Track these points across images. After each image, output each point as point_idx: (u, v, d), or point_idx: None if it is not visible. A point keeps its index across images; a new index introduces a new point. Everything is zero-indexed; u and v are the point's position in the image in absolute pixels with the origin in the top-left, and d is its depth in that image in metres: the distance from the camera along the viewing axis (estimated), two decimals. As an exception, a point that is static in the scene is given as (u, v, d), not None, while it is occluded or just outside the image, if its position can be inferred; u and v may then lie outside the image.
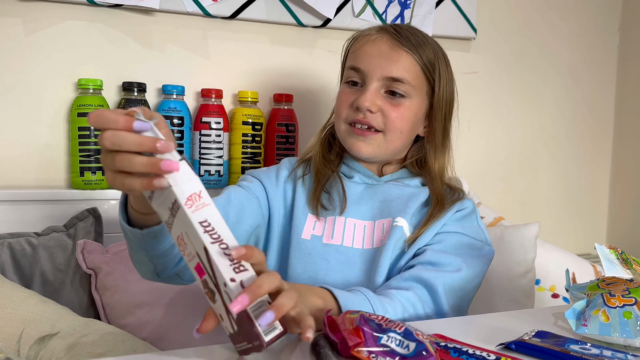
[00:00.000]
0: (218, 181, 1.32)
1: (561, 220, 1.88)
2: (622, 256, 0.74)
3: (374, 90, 0.92)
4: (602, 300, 0.69)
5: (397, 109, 0.92)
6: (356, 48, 0.96)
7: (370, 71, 0.92)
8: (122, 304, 1.10)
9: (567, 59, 1.83)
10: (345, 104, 0.94)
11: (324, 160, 1.00)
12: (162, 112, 1.26)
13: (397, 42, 0.92)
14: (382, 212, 0.95)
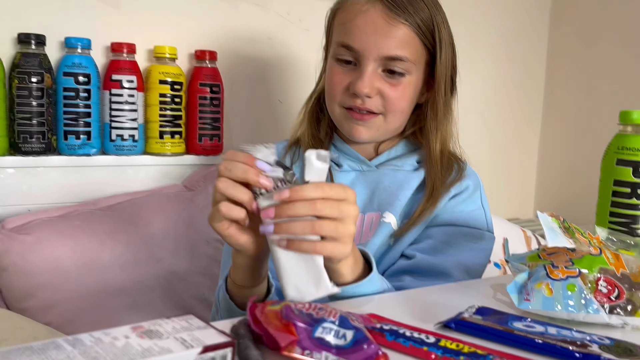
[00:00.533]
0: (133, 147, 1.20)
1: (490, 185, 1.87)
2: (564, 225, 0.70)
3: (371, 72, 0.82)
4: (545, 272, 0.65)
5: (396, 89, 0.83)
6: (345, 20, 0.84)
7: (365, 50, 0.81)
8: (22, 285, 0.99)
9: (502, 22, 1.80)
10: (339, 86, 0.84)
11: (313, 139, 0.91)
12: (65, 68, 1.12)
13: (393, 12, 0.81)
14: (372, 203, 0.87)
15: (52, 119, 1.12)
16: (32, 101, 1.09)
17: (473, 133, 1.81)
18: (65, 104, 1.13)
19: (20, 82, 1.08)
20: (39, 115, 1.10)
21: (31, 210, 1.13)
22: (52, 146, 1.13)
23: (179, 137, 1.25)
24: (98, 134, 1.17)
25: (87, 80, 1.13)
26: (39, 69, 1.09)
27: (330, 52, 0.87)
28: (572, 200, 1.84)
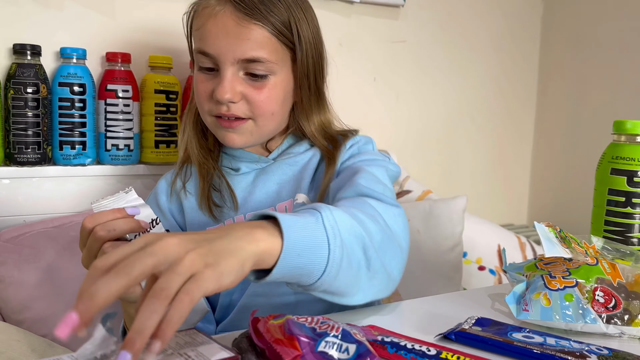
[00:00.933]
0: (128, 157, 1.20)
1: (484, 191, 1.89)
2: (560, 234, 0.70)
3: (230, 77, 0.79)
4: (543, 282, 0.65)
5: (261, 92, 0.80)
6: (199, 26, 0.81)
7: (221, 55, 0.78)
8: (18, 297, 0.98)
9: (493, 29, 1.82)
10: (204, 95, 0.82)
11: (202, 151, 0.89)
12: (61, 78, 1.12)
13: (243, 13, 0.77)
14: (281, 194, 0.86)
15: (47, 129, 1.12)
16: (27, 112, 1.09)
17: (465, 139, 1.82)
18: (60, 114, 1.12)
19: (16, 92, 1.08)
20: (35, 126, 1.10)
21: (27, 221, 1.12)
22: (48, 156, 1.13)
23: (174, 146, 1.25)
24: (93, 144, 1.17)
25: (82, 90, 1.13)
26: (35, 80, 1.09)
27: (195, 62, 0.85)
28: (565, 206, 1.85)
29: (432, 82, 1.72)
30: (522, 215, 1.99)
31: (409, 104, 1.68)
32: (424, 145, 1.74)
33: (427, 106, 1.72)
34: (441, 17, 1.71)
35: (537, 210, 1.96)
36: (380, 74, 1.62)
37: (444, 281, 1.33)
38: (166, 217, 0.90)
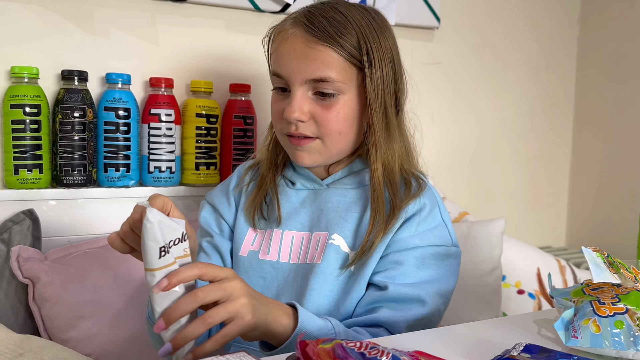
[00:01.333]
0: (169, 178, 1.22)
1: (521, 213, 1.87)
2: (608, 259, 0.69)
3: (299, 97, 0.82)
4: (592, 308, 0.64)
5: (329, 112, 0.82)
6: (274, 49, 0.86)
7: (290, 76, 0.82)
8: (64, 316, 1.00)
9: (528, 50, 1.81)
10: (277, 115, 0.86)
11: (270, 164, 0.93)
12: (106, 103, 1.16)
13: (312, 36, 0.80)
14: (320, 222, 0.87)
15: (92, 152, 1.15)
16: (74, 135, 1.13)
17: (501, 160, 1.80)
18: (105, 138, 1.16)
19: (64, 117, 1.12)
20: (81, 149, 1.13)
21: (71, 242, 1.15)
22: (93, 178, 1.16)
23: (214, 168, 1.28)
24: (137, 166, 1.20)
25: (127, 115, 1.16)
26: (82, 104, 1.12)
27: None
28: (605, 228, 1.81)
29: (468, 102, 1.72)
30: (561, 237, 1.95)
31: (444, 124, 1.68)
32: (460, 166, 1.73)
33: (462, 127, 1.72)
34: (476, 38, 1.71)
35: (575, 232, 1.92)
36: (414, 96, 1.62)
37: (482, 305, 1.31)
38: (230, 203, 0.94)
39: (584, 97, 1.89)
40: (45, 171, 1.12)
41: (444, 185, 1.65)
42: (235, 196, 0.94)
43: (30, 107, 1.09)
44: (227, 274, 0.65)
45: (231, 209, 0.94)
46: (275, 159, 0.94)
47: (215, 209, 0.95)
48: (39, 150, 1.11)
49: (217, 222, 0.94)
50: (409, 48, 1.60)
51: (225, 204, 0.94)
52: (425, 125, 1.65)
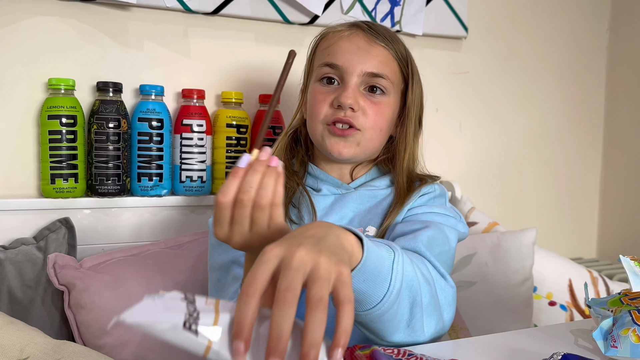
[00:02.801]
0: (200, 187, 1.24)
1: (551, 224, 1.84)
2: (646, 269, 0.68)
3: (355, 86, 0.87)
4: (631, 318, 0.63)
5: (377, 107, 0.88)
6: (329, 44, 0.90)
7: (349, 67, 0.87)
8: (99, 322, 1.02)
9: (557, 59, 1.80)
10: (323, 103, 0.88)
11: (287, 172, 0.93)
12: (140, 113, 1.18)
13: (373, 36, 0.89)
14: (353, 222, 0.90)
15: (126, 162, 1.18)
16: (109, 145, 1.15)
17: (531, 170, 1.79)
18: (139, 148, 1.18)
19: (99, 127, 1.14)
20: (115, 159, 1.16)
21: (105, 250, 1.17)
22: (126, 187, 1.19)
23: (244, 177, 1.29)
24: (169, 176, 1.22)
25: (160, 125, 1.19)
26: (116, 115, 1.15)
27: (313, 77, 0.92)
28: (636, 239, 1.78)
29: (496, 112, 1.71)
30: (592, 248, 1.92)
31: (472, 135, 1.67)
32: (489, 176, 1.72)
33: (491, 137, 1.71)
34: (504, 48, 1.70)
35: (607, 243, 1.89)
36: (442, 105, 1.62)
37: (514, 316, 1.29)
38: None
39: (615, 106, 1.86)
40: (80, 180, 1.15)
41: (472, 195, 1.64)
42: None
43: (67, 118, 1.12)
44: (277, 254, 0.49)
45: None
46: (290, 165, 0.95)
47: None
48: (75, 160, 1.13)
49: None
50: (436, 58, 1.60)
51: None
52: (454, 135, 1.65)
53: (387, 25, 1.46)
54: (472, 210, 1.49)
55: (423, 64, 1.57)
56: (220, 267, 0.88)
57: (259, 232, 0.60)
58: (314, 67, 0.93)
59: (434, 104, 1.60)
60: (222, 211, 0.60)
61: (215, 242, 0.91)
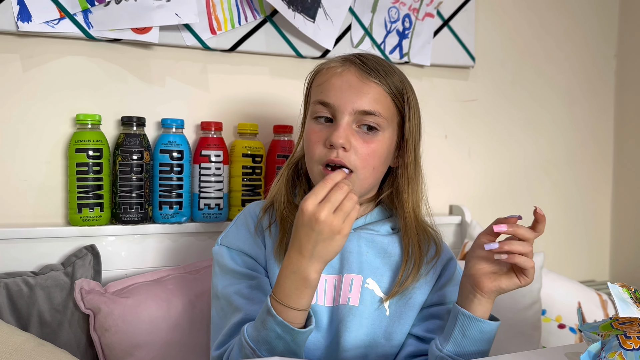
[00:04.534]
0: (218, 214, 1.30)
1: (563, 247, 1.87)
2: (635, 295, 0.72)
3: (346, 125, 0.86)
4: (618, 342, 0.67)
5: (369, 145, 0.87)
6: (322, 81, 0.91)
7: (340, 105, 0.87)
8: (122, 344, 1.08)
9: (565, 85, 1.84)
10: (317, 143, 0.88)
11: (289, 205, 0.94)
12: (162, 145, 1.25)
13: (365, 72, 0.88)
14: (351, 265, 0.92)
15: (149, 191, 1.25)
16: (132, 176, 1.22)
17: (541, 193, 1.82)
18: (161, 178, 1.25)
19: (123, 159, 1.22)
20: (138, 188, 1.23)
21: (128, 274, 1.24)
22: (148, 215, 1.25)
23: (259, 204, 1.35)
24: (188, 204, 1.29)
25: (180, 156, 1.26)
26: (140, 148, 1.22)
27: (309, 113, 0.93)
28: (650, 261, 1.79)
29: (504, 138, 1.75)
30: (604, 271, 1.93)
31: (481, 160, 1.72)
32: (498, 200, 1.76)
33: (499, 162, 1.75)
34: (511, 75, 1.75)
35: (619, 265, 1.90)
36: (451, 131, 1.67)
37: (522, 339, 1.32)
38: (257, 243, 0.94)
39: (624, 130, 1.89)
40: (105, 209, 1.22)
41: (482, 219, 1.67)
42: (261, 239, 0.94)
43: (93, 151, 1.20)
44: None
45: (262, 252, 0.94)
46: (292, 199, 0.95)
47: (244, 253, 0.94)
48: (101, 190, 1.21)
49: (252, 265, 0.93)
50: (445, 86, 1.66)
51: (255, 247, 0.94)
52: (463, 160, 1.70)
53: (396, 57, 1.52)
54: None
55: (432, 92, 1.64)
56: (223, 297, 0.90)
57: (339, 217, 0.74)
58: (309, 102, 0.94)
59: (444, 131, 1.65)
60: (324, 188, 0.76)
61: (219, 271, 0.93)
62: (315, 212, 0.74)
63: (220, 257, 0.94)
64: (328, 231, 0.74)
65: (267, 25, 1.38)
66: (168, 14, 1.25)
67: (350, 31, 1.47)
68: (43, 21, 1.18)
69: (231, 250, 0.95)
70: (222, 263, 0.93)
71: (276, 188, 0.97)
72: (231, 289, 0.89)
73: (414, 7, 1.53)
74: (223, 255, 0.94)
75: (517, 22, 1.74)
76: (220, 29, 1.33)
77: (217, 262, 0.94)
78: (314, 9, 1.39)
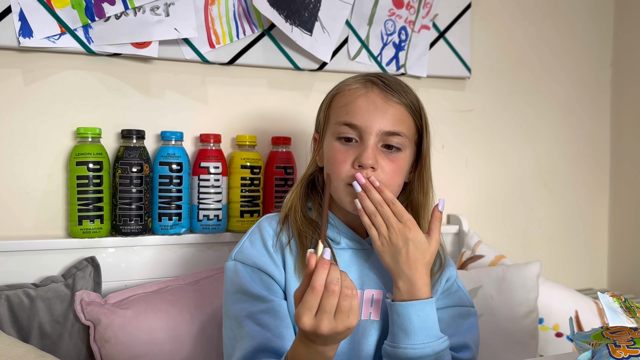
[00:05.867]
0: (217, 226, 1.32)
1: (561, 256, 1.87)
2: (625, 304, 0.73)
3: (373, 145, 0.90)
4: (608, 351, 0.68)
5: (393, 164, 0.91)
6: (346, 102, 0.93)
7: (368, 127, 0.90)
8: (122, 356, 1.09)
9: (561, 95, 1.85)
10: (344, 163, 0.90)
11: (305, 220, 0.95)
12: (161, 158, 1.27)
13: (389, 94, 0.92)
14: (372, 281, 0.94)
15: (148, 203, 1.26)
16: (132, 188, 1.24)
17: (538, 202, 1.83)
18: (160, 190, 1.27)
19: (123, 172, 1.23)
20: (138, 200, 1.24)
21: (128, 286, 1.25)
22: (148, 227, 1.27)
23: (257, 215, 1.36)
24: (187, 215, 1.30)
25: (179, 168, 1.27)
26: (139, 160, 1.24)
27: (330, 133, 0.95)
28: (648, 269, 1.80)
29: (501, 147, 1.77)
30: (602, 278, 1.94)
31: (478, 169, 1.73)
32: (496, 210, 1.77)
33: (497, 171, 1.76)
34: (507, 86, 1.77)
35: (617, 273, 1.91)
36: (448, 142, 1.69)
37: (519, 348, 1.33)
38: (274, 261, 0.92)
39: (620, 139, 1.90)
40: (105, 221, 1.23)
41: (480, 229, 1.69)
42: (280, 256, 0.93)
43: (94, 164, 1.21)
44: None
45: (280, 270, 0.92)
46: (307, 213, 0.96)
47: (260, 270, 0.92)
48: (101, 202, 1.22)
49: (267, 285, 0.91)
50: (441, 97, 1.67)
51: (273, 265, 0.92)
52: (460, 170, 1.71)
53: (393, 68, 1.54)
54: (479, 243, 1.54)
55: (428, 103, 1.63)
56: (234, 318, 0.89)
57: (342, 319, 0.69)
58: (330, 121, 0.95)
59: (440, 141, 1.67)
60: (314, 298, 0.68)
61: (231, 289, 0.91)
62: (315, 328, 0.69)
63: (234, 274, 0.92)
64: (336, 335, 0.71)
65: (265, 38, 1.40)
66: (167, 29, 1.27)
67: (347, 44, 1.49)
68: (44, 36, 1.20)
69: (246, 266, 0.92)
70: (236, 281, 0.91)
71: (290, 202, 0.97)
72: (243, 312, 0.88)
73: (410, 19, 1.55)
74: (237, 272, 0.92)
75: (512, 33, 1.76)
76: (219, 43, 1.35)
77: (230, 280, 0.92)
78: (311, 22, 1.42)
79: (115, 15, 1.24)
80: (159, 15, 1.26)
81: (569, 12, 1.86)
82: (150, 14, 1.26)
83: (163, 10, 1.27)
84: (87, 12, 1.22)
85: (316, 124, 1.02)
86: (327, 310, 0.68)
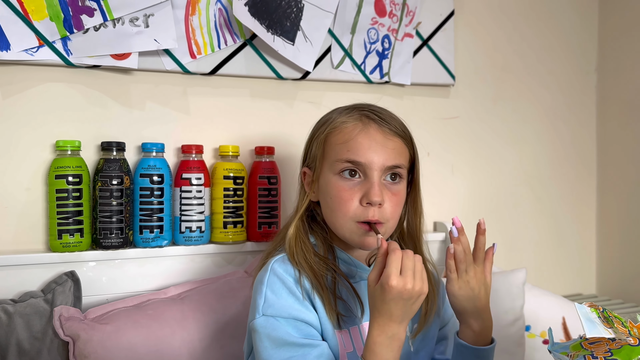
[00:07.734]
0: (199, 237, 1.31)
1: (549, 261, 1.87)
2: (603, 314, 0.72)
3: (379, 181, 0.91)
4: (585, 363, 0.67)
5: (396, 197, 0.93)
6: (346, 139, 0.92)
7: (372, 162, 0.91)
8: (101, 371, 1.07)
9: (547, 101, 1.86)
10: (351, 201, 0.91)
11: (319, 260, 0.93)
12: (142, 170, 1.26)
13: (387, 128, 0.93)
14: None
15: (129, 216, 1.25)
16: (112, 201, 1.22)
17: (525, 209, 1.83)
18: (141, 202, 1.26)
19: (103, 184, 1.22)
20: (118, 213, 1.23)
21: (109, 300, 1.24)
22: (129, 240, 1.25)
23: (241, 226, 1.35)
24: (169, 227, 1.29)
25: (160, 180, 1.26)
26: (119, 172, 1.23)
27: (328, 169, 0.94)
28: (635, 273, 1.80)
29: (487, 153, 1.76)
30: (591, 284, 1.94)
31: (464, 176, 1.73)
32: (483, 216, 1.74)
33: (483, 178, 1.76)
34: (492, 92, 1.77)
35: (606, 278, 1.91)
36: (433, 149, 1.68)
37: (506, 356, 1.32)
38: (308, 308, 0.90)
39: (606, 143, 1.91)
40: (85, 235, 1.22)
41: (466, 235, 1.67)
42: (309, 302, 0.91)
43: (73, 177, 1.20)
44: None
45: (315, 315, 0.90)
46: (316, 252, 0.95)
47: (298, 320, 0.88)
48: (80, 215, 1.21)
49: (310, 332, 0.89)
50: (426, 105, 1.67)
51: (308, 312, 0.90)
52: (446, 177, 1.71)
53: (377, 77, 1.54)
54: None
55: (413, 111, 1.65)
56: None
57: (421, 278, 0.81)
58: (328, 158, 0.94)
59: (426, 148, 1.66)
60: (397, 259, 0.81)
61: (271, 345, 0.86)
62: (403, 285, 0.79)
63: (271, 330, 0.86)
64: (416, 296, 0.80)
65: (247, 48, 1.39)
66: (147, 40, 1.26)
67: (330, 52, 1.48)
68: (22, 49, 1.19)
69: (281, 319, 0.87)
70: (276, 336, 0.86)
71: (294, 241, 0.94)
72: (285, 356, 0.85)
73: (393, 27, 1.55)
74: (275, 327, 0.87)
75: (497, 39, 1.77)
76: (200, 53, 1.34)
77: (267, 336, 0.86)
78: (293, 31, 1.41)
79: (94, 27, 1.23)
80: (139, 27, 1.26)
81: (554, 18, 1.86)
82: (129, 25, 1.25)
83: (142, 21, 1.26)
84: (65, 24, 1.21)
85: (306, 158, 1.00)
86: (409, 267, 0.80)
